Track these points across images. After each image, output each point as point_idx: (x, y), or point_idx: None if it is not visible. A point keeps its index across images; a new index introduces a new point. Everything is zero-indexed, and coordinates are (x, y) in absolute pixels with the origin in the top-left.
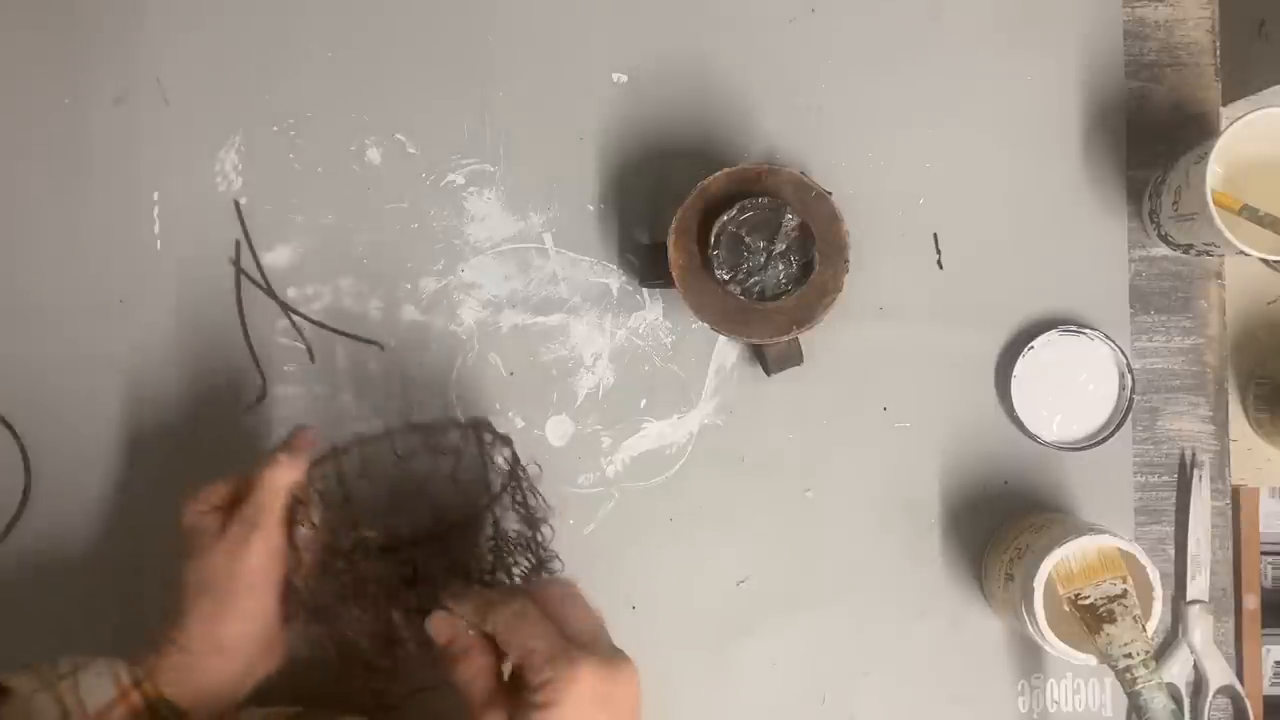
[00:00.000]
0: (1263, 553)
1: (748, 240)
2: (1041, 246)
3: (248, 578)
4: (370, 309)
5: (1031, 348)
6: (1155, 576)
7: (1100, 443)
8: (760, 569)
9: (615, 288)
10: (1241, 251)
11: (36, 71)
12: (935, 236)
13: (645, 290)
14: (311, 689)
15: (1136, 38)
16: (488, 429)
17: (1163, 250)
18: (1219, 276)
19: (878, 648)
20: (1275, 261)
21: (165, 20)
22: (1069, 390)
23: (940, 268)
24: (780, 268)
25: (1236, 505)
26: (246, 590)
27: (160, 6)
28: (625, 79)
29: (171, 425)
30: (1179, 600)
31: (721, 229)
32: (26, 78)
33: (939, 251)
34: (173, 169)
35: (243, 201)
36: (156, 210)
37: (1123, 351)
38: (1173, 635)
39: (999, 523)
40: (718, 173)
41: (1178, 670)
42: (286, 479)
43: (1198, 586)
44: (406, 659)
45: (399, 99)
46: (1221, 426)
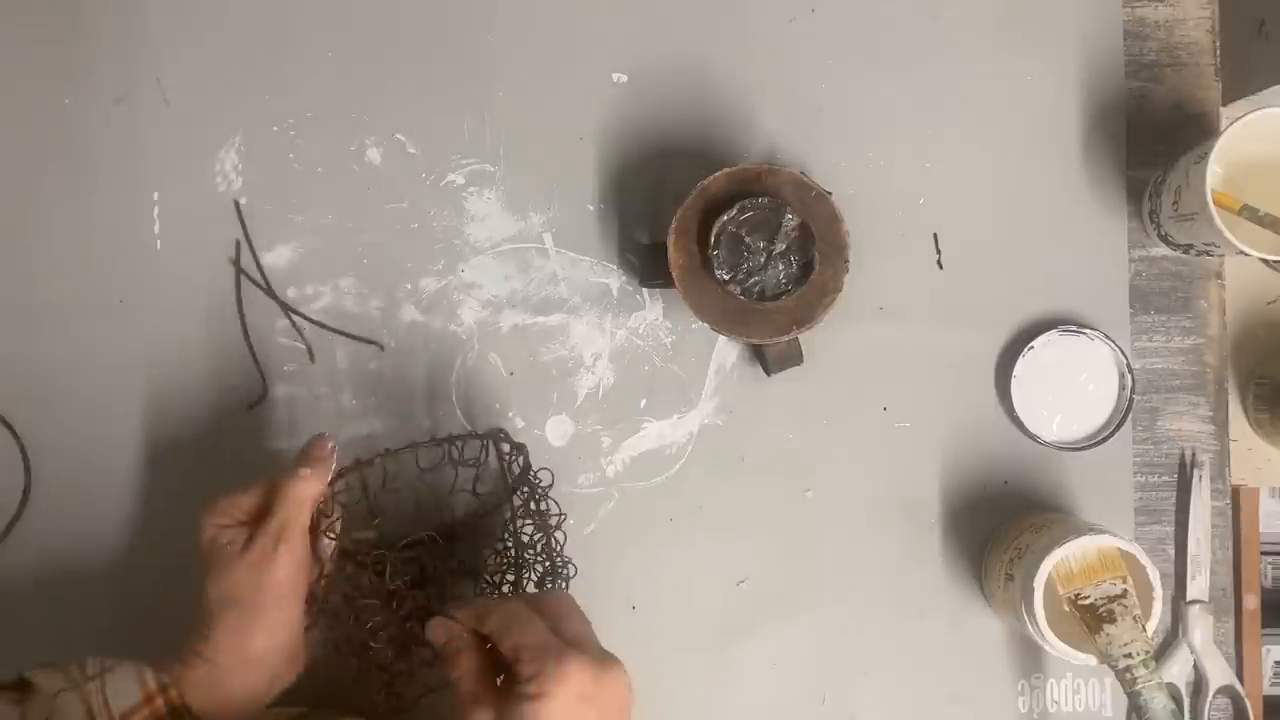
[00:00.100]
0: (1263, 553)
1: (748, 240)
2: (1041, 246)
3: (275, 590)
4: (370, 309)
5: (1031, 348)
6: (1155, 576)
7: (1100, 443)
8: (760, 569)
9: (615, 288)
10: (1241, 251)
11: (36, 72)
12: (935, 236)
13: (645, 290)
14: (320, 690)
15: (1136, 38)
16: (506, 439)
17: (1163, 250)
18: (1219, 276)
19: (878, 648)
20: (1275, 261)
21: (166, 20)
22: (1069, 390)
23: (940, 268)
24: (780, 268)
25: (1236, 505)
26: (274, 604)
27: (161, 7)
28: (625, 79)
29: (172, 425)
30: (1179, 600)
31: (721, 229)
32: (27, 78)
33: (939, 251)
34: (173, 169)
35: (243, 201)
36: (156, 210)
37: (1123, 351)
38: (1173, 635)
39: (999, 523)
40: (718, 173)
41: (1178, 670)
42: (311, 492)
43: (1198, 586)
44: (422, 661)
45: (399, 99)
46: (1221, 426)
